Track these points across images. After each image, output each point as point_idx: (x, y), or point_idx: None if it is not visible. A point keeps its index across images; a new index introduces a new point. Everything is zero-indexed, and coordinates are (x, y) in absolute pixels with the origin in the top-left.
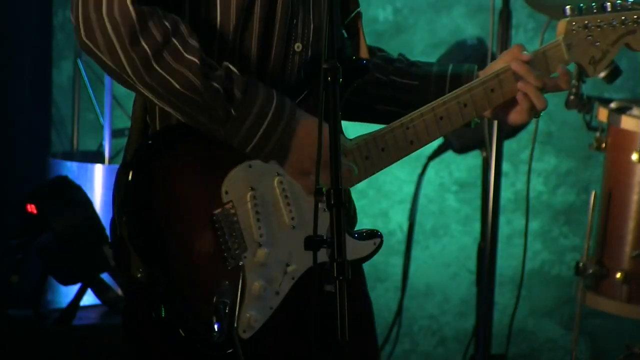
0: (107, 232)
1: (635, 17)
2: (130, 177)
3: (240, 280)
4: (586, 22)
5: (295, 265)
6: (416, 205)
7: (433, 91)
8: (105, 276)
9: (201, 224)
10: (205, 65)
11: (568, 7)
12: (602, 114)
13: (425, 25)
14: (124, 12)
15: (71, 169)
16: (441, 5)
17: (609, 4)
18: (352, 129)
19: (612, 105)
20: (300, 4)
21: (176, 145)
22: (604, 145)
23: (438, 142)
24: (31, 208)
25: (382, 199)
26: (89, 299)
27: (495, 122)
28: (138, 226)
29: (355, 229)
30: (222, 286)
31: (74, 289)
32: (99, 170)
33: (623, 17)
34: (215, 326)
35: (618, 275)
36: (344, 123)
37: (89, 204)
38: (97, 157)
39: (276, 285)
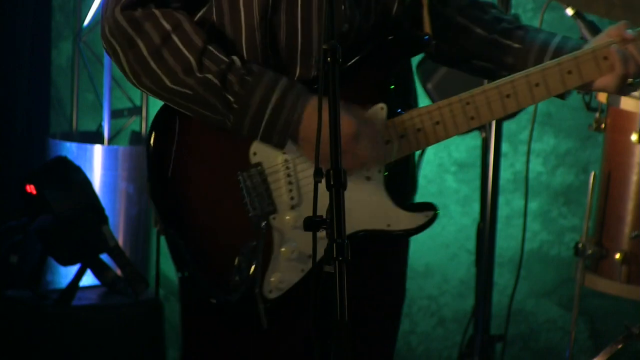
0: (107, 212)
1: None
2: (152, 136)
3: (267, 240)
4: None
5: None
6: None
7: (532, 59)
8: (104, 257)
9: (225, 183)
10: (207, 59)
11: None
12: (602, 95)
13: None
14: (116, 18)
15: (70, 149)
16: None
17: None
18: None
19: None
20: None
21: None
22: (603, 125)
23: None
24: (30, 189)
25: None
26: (88, 279)
27: None
28: (159, 183)
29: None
30: (245, 245)
31: (73, 269)
32: (98, 150)
33: None
34: (237, 282)
35: (617, 256)
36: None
37: (88, 184)
38: (97, 138)
39: (308, 248)
